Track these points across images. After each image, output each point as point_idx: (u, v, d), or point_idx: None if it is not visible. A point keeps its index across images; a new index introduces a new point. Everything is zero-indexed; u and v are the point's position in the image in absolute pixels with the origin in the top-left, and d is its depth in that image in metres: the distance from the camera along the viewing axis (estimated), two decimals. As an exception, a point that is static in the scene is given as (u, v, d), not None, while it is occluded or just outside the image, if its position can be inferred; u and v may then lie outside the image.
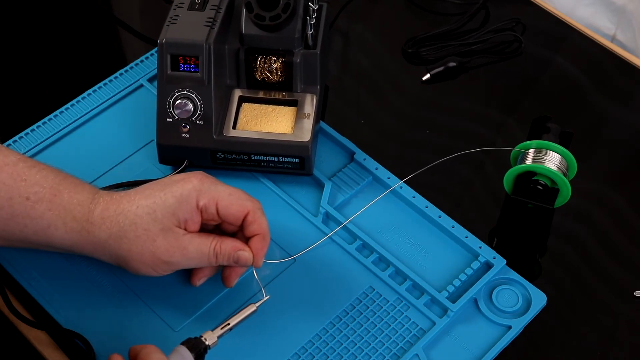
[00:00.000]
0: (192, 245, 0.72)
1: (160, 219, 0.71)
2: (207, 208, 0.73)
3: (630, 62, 1.00)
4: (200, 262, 0.73)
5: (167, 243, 0.71)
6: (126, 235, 0.71)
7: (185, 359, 0.68)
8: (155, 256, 0.71)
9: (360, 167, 0.87)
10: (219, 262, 0.74)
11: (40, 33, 1.03)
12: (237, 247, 0.73)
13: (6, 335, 0.79)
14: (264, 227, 0.74)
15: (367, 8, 1.07)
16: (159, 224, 0.71)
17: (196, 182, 0.73)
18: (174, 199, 0.72)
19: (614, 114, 0.97)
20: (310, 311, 0.77)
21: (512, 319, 0.77)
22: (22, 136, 0.89)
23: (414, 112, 0.97)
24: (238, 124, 0.85)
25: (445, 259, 0.81)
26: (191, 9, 0.83)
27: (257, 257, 0.74)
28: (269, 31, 0.84)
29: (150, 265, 0.72)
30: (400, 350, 0.76)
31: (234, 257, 0.73)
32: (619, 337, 0.80)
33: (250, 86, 0.87)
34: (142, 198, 0.72)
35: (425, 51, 1.00)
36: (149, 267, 0.72)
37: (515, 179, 0.83)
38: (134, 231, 0.71)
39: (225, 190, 0.74)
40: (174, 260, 0.72)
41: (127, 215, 0.71)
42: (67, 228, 0.72)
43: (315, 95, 0.86)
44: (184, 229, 0.72)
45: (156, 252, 0.71)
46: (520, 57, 1.01)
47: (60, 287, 0.78)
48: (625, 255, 0.85)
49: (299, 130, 0.84)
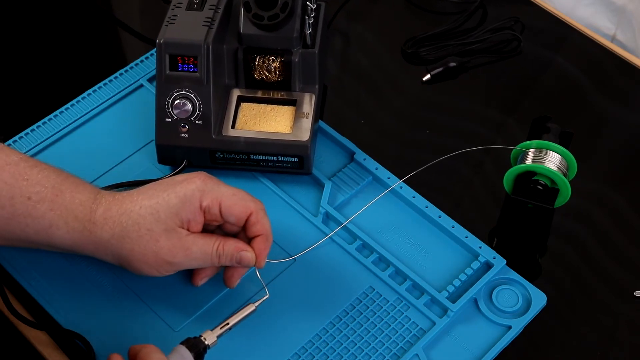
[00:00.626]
0: (195, 245, 0.72)
1: (163, 219, 0.71)
2: (210, 208, 0.73)
3: (630, 62, 1.00)
4: (203, 262, 0.73)
5: (170, 243, 0.71)
6: (129, 235, 0.71)
7: (184, 358, 0.68)
8: (158, 256, 0.71)
9: (360, 167, 0.87)
10: (221, 263, 0.74)
11: (41, 33, 1.03)
12: (239, 247, 0.73)
13: (6, 335, 0.79)
14: (267, 227, 0.74)
15: (365, 7, 1.07)
16: (162, 224, 0.71)
17: (199, 183, 0.73)
18: (177, 200, 0.71)
19: (614, 114, 0.97)
20: (310, 311, 0.77)
21: (512, 319, 0.77)
22: (22, 136, 0.89)
23: (414, 112, 0.97)
24: (237, 124, 0.85)
25: (445, 259, 0.81)
26: (189, 8, 0.83)
27: (260, 258, 0.74)
28: (268, 31, 0.84)
29: (153, 265, 0.72)
30: (400, 350, 0.76)
31: (236, 257, 0.73)
32: (619, 337, 0.80)
33: (249, 86, 0.87)
34: (145, 198, 0.72)
35: (425, 51, 1.00)
36: (151, 267, 0.72)
37: (515, 179, 0.83)
38: (137, 231, 0.71)
39: (229, 191, 0.74)
40: (177, 261, 0.72)
41: (130, 216, 0.71)
42: (68, 228, 0.72)
43: (314, 94, 0.86)
44: (187, 230, 0.72)
45: (159, 253, 0.71)
46: (520, 57, 1.01)
47: (60, 287, 0.78)
48: (625, 255, 0.85)
49: (298, 130, 0.84)
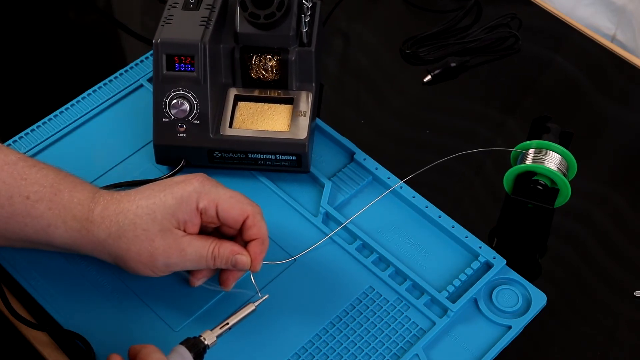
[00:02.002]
0: (190, 247, 0.72)
1: (159, 219, 0.71)
2: (207, 210, 0.72)
3: (630, 62, 1.00)
4: (199, 264, 0.73)
5: (165, 244, 0.71)
6: (125, 235, 0.71)
7: (184, 358, 0.68)
8: (153, 257, 0.71)
9: (360, 167, 0.87)
10: (216, 265, 0.74)
11: (41, 34, 1.03)
12: (235, 250, 0.73)
13: (6, 335, 0.79)
14: (263, 231, 0.74)
15: (364, 7, 1.07)
16: (158, 225, 0.71)
17: (197, 184, 0.72)
18: (174, 200, 0.71)
19: (614, 114, 0.97)
20: (310, 311, 0.77)
21: (512, 319, 0.77)
22: (22, 136, 0.89)
23: (413, 112, 0.97)
24: (234, 123, 0.85)
25: (445, 259, 0.81)
26: (185, 8, 0.83)
27: (255, 262, 0.74)
28: (264, 29, 0.84)
29: (148, 265, 0.72)
30: (400, 350, 0.76)
31: (232, 260, 0.73)
32: (619, 337, 0.80)
33: (246, 85, 0.87)
34: (143, 198, 0.72)
35: (424, 51, 1.00)
36: (146, 267, 0.72)
37: (515, 179, 0.83)
38: (133, 231, 0.71)
39: (226, 193, 0.73)
40: (171, 262, 0.72)
41: (127, 215, 0.71)
42: (67, 227, 0.72)
43: (311, 92, 0.86)
44: (183, 231, 0.72)
45: (154, 253, 0.71)
46: (520, 57, 1.01)
47: (60, 287, 0.78)
48: (625, 255, 0.85)
49: (295, 128, 0.84)
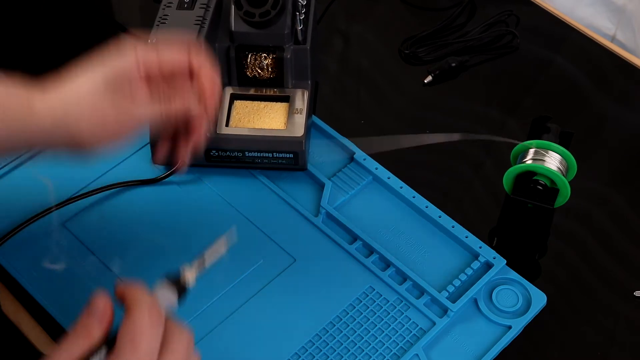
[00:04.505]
0: (142, 109, 0.69)
1: (105, 92, 0.68)
2: (149, 67, 0.70)
3: (630, 62, 1.00)
4: (152, 112, 0.70)
5: (116, 113, 0.69)
6: (72, 115, 0.68)
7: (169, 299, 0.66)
8: (105, 129, 0.69)
9: (360, 167, 0.87)
10: (172, 118, 0.71)
11: (41, 36, 1.03)
12: (186, 97, 0.70)
13: (6, 335, 0.79)
14: (209, 65, 0.71)
15: (362, 6, 1.07)
16: (106, 99, 0.68)
17: (132, 50, 0.69)
18: (114, 72, 0.69)
19: (614, 114, 0.97)
20: (310, 311, 0.77)
21: (512, 319, 0.77)
22: (22, 137, 0.89)
23: (413, 112, 0.97)
24: (231, 122, 0.85)
25: (445, 259, 0.81)
26: (180, 8, 0.84)
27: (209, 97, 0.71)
28: (259, 28, 0.84)
29: (104, 138, 0.69)
30: (400, 350, 0.76)
31: (185, 104, 0.70)
32: (619, 337, 0.80)
33: (242, 83, 0.87)
34: (83, 77, 0.69)
35: (423, 51, 1.00)
36: (103, 140, 0.69)
37: (515, 179, 0.83)
38: (80, 111, 0.68)
39: (162, 43, 0.71)
40: (126, 130, 0.69)
41: (71, 96, 0.68)
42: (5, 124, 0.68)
43: (307, 90, 0.86)
44: (131, 99, 0.69)
45: (106, 125, 0.69)
46: (520, 57, 1.01)
47: (60, 287, 0.78)
48: (625, 255, 0.85)
49: (292, 126, 0.84)
